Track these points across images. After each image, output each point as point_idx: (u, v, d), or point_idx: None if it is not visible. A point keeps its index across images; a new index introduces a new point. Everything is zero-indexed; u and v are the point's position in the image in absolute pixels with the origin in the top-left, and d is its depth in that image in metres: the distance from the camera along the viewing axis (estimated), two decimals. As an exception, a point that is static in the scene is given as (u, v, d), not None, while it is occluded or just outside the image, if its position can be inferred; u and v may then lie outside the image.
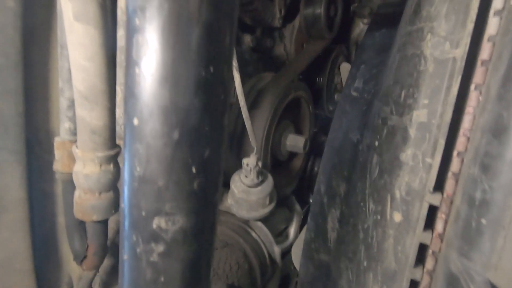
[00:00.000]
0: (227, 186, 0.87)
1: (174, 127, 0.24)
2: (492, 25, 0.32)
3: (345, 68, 1.24)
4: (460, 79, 0.37)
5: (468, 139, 0.34)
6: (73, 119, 0.53)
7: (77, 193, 0.45)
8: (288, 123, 1.08)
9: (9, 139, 0.63)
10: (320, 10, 1.15)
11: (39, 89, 0.71)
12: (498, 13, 0.32)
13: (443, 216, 0.38)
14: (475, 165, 0.29)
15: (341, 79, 1.42)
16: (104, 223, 0.50)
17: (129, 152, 0.26)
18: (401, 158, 0.45)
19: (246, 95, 0.94)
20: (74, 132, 0.54)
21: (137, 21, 0.23)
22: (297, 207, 1.17)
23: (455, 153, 0.37)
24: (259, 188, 0.78)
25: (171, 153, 0.25)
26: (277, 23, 1.07)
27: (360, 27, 1.52)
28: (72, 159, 0.52)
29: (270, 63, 1.16)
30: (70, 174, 0.53)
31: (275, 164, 1.09)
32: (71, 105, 0.52)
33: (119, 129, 0.57)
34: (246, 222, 0.90)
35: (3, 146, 0.62)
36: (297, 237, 1.10)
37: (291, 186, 1.18)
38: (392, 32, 0.75)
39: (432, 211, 0.41)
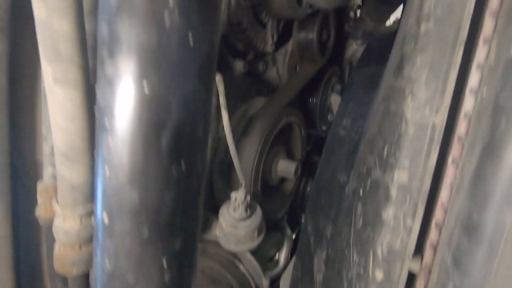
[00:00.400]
0: (216, 212, 0.87)
1: (143, 225, 0.24)
2: (468, 103, 0.33)
3: (335, 100, 1.25)
4: (439, 146, 0.38)
5: (446, 212, 0.34)
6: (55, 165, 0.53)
7: (56, 247, 0.45)
8: (279, 148, 1.09)
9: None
10: (312, 34, 1.16)
11: (26, 121, 0.70)
12: (473, 91, 0.32)
13: (422, 283, 0.38)
14: (448, 253, 0.29)
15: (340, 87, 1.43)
16: (85, 276, 0.49)
17: (100, 247, 0.26)
18: (383, 216, 0.45)
19: (237, 122, 0.94)
20: (56, 176, 0.53)
21: (106, 121, 0.23)
22: (288, 231, 1.17)
23: (433, 222, 0.37)
24: (248, 221, 0.78)
25: (140, 250, 0.24)
26: (269, 48, 1.07)
27: (354, 47, 1.53)
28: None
29: (263, 86, 1.16)
30: (53, 220, 0.52)
31: (266, 188, 1.09)
32: (53, 151, 0.52)
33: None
34: (235, 254, 0.89)
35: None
36: (287, 263, 1.09)
37: (283, 210, 1.18)
38: (380, 68, 0.75)
39: (413, 275, 0.40)
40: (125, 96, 0.23)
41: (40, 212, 0.53)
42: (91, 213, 0.45)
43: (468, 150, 0.32)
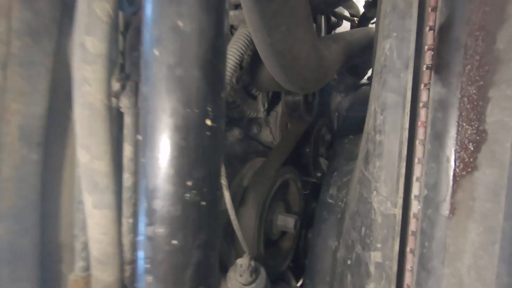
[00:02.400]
0: (222, 271, 0.93)
1: None
2: (414, 206, 0.43)
3: (324, 163, 1.37)
4: (400, 232, 0.47)
5: (410, 293, 0.43)
6: (86, 259, 0.61)
7: None
8: (277, 203, 1.17)
9: (26, 270, 0.70)
10: (299, 97, 1.30)
11: (52, 206, 0.80)
12: (416, 197, 0.43)
13: None
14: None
15: (324, 149, 1.55)
16: None
17: None
18: (366, 289, 0.53)
19: (235, 189, 1.03)
20: (86, 269, 0.62)
21: (147, 266, 0.33)
22: (293, 282, 1.21)
23: (403, 300, 0.45)
24: (253, 285, 0.84)
25: None
26: (261, 114, 1.20)
27: (338, 99, 1.69)
28: (84, 295, 0.60)
29: (259, 146, 1.28)
30: (82, 309, 0.60)
31: (268, 243, 1.16)
32: (84, 247, 0.61)
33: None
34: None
35: (20, 277, 0.70)
36: (295, 315, 1.13)
37: (286, 261, 1.24)
38: (358, 140, 0.87)
39: None
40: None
41: (71, 302, 0.61)
42: (119, 305, 0.53)
43: (424, 247, 0.41)
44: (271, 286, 0.94)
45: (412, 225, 0.42)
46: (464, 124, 0.33)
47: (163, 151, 0.32)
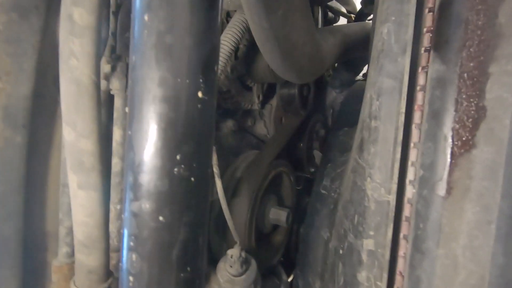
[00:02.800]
0: (213, 264, 0.92)
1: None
2: (408, 191, 0.42)
3: (317, 154, 1.36)
4: (393, 218, 0.46)
5: (403, 278, 0.42)
6: (70, 244, 0.59)
7: (72, 326, 0.50)
8: (270, 197, 1.16)
9: (8, 257, 0.68)
10: (294, 90, 1.29)
11: (38, 194, 0.77)
12: (411, 182, 0.42)
13: None
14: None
15: (318, 144, 1.54)
16: None
17: None
18: (358, 278, 0.52)
19: (227, 182, 1.02)
20: (70, 255, 0.60)
21: (131, 243, 0.31)
22: (284, 276, 1.21)
23: (395, 286, 0.45)
24: (244, 276, 0.83)
25: None
26: (256, 106, 1.19)
27: (333, 95, 1.68)
28: (67, 281, 0.58)
29: (253, 139, 1.27)
30: (66, 296, 0.58)
31: (260, 236, 1.15)
32: (69, 232, 0.59)
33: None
34: (233, 307, 0.93)
35: (2, 264, 0.67)
36: (285, 309, 1.12)
37: (277, 256, 1.23)
38: (351, 132, 0.86)
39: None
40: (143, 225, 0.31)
41: (55, 289, 0.59)
42: (104, 291, 0.51)
43: (419, 229, 0.40)
44: (261, 279, 0.93)
45: (406, 211, 0.42)
46: (463, 101, 0.33)
47: (151, 122, 0.30)
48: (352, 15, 1.74)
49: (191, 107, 0.31)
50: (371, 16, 1.68)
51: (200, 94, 0.32)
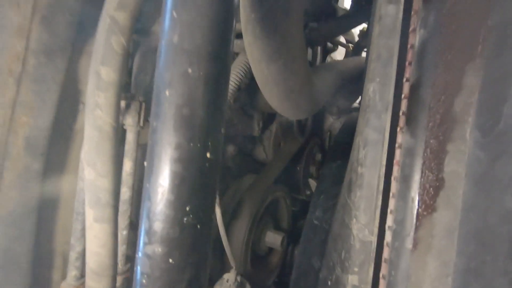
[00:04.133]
0: (209, 285, 0.96)
1: None
2: (387, 236, 0.47)
3: (312, 184, 1.42)
4: (375, 258, 0.52)
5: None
6: (79, 268, 0.64)
7: None
8: (267, 220, 1.21)
9: (19, 274, 0.72)
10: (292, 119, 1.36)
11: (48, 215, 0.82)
12: (392, 212, 0.47)
13: None
14: None
15: (315, 168, 1.60)
16: None
17: None
18: (343, 310, 0.57)
19: (227, 204, 1.07)
20: (78, 278, 0.64)
21: (144, 281, 0.37)
22: (278, 298, 1.24)
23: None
24: (239, 300, 0.87)
25: None
26: (256, 133, 1.26)
27: (330, 121, 1.76)
28: (75, 303, 0.62)
29: (252, 162, 1.33)
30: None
31: (255, 258, 1.19)
32: (79, 257, 0.64)
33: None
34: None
35: (12, 280, 0.72)
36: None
37: (272, 277, 1.27)
38: (344, 165, 0.92)
39: None
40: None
41: (62, 309, 0.63)
42: (111, 315, 0.55)
43: (391, 276, 0.45)
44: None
45: (386, 253, 0.47)
46: (426, 171, 0.38)
47: (167, 179, 0.36)
48: (351, 45, 1.84)
49: (200, 166, 0.37)
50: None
51: (208, 155, 0.38)
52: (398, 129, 0.47)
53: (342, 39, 1.82)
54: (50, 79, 0.68)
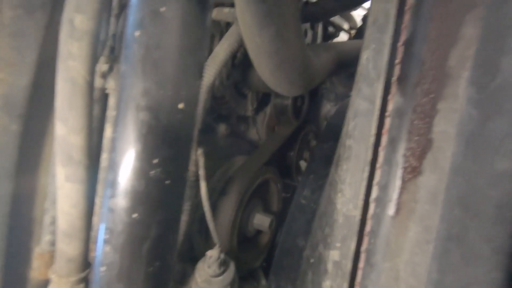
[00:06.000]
0: (195, 263, 0.94)
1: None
2: (371, 209, 0.45)
3: (303, 166, 1.40)
4: (358, 232, 0.49)
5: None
6: (54, 233, 0.62)
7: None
8: (256, 202, 1.19)
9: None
10: (288, 101, 1.33)
11: (28, 182, 0.80)
12: (377, 184, 0.45)
13: None
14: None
15: (309, 154, 1.58)
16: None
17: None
18: (323, 286, 0.55)
19: (216, 182, 1.05)
20: (53, 243, 0.62)
21: (106, 236, 0.34)
22: (263, 281, 1.23)
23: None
24: (221, 277, 0.86)
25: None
26: (250, 113, 1.22)
27: (327, 107, 1.72)
28: (48, 269, 0.60)
29: (244, 145, 1.30)
30: (45, 281, 0.60)
31: (243, 239, 1.18)
32: (53, 221, 0.61)
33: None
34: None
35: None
36: (261, 313, 1.14)
37: (259, 260, 1.25)
38: (337, 146, 0.89)
39: None
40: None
41: (34, 274, 0.61)
42: (81, 280, 0.53)
43: (370, 244, 0.43)
44: (239, 282, 0.96)
45: (368, 226, 0.45)
46: (414, 131, 0.36)
47: (134, 128, 0.34)
48: (353, 31, 1.79)
49: (172, 117, 0.35)
50: (371, 34, 1.73)
51: (181, 106, 0.35)
52: (390, 96, 0.44)
53: (344, 25, 1.78)
54: (30, 35, 0.64)
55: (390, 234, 0.36)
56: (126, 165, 0.34)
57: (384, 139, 0.45)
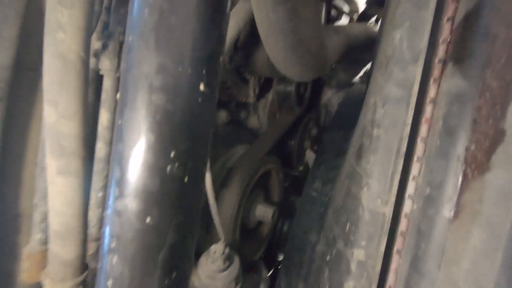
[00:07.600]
0: (195, 257, 0.90)
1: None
2: (407, 206, 0.41)
3: (310, 155, 1.35)
4: (388, 231, 0.45)
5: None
6: (45, 230, 0.55)
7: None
8: (258, 193, 1.14)
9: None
10: (291, 87, 1.27)
11: (13, 174, 0.72)
12: (414, 178, 0.40)
13: None
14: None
15: (310, 143, 1.53)
16: None
17: None
18: (345, 286, 0.51)
19: (217, 173, 0.99)
20: (44, 242, 0.56)
21: (113, 244, 0.29)
22: (264, 272, 1.20)
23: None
24: (225, 273, 0.82)
25: None
26: (251, 99, 1.16)
27: (328, 95, 1.67)
28: (39, 270, 0.54)
29: (245, 133, 1.24)
30: (37, 285, 0.54)
31: (244, 231, 1.13)
32: (44, 218, 0.55)
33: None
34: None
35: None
36: (263, 306, 1.12)
37: (260, 251, 1.22)
38: (347, 136, 0.85)
39: None
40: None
41: (24, 277, 0.55)
42: (79, 284, 0.48)
43: (408, 242, 0.39)
44: (242, 275, 0.92)
45: (403, 225, 0.40)
46: (481, 121, 0.31)
47: (146, 113, 0.27)
48: (355, 15, 1.72)
49: (191, 100, 0.28)
50: (374, 17, 1.67)
51: (202, 87, 0.29)
52: (432, 80, 0.39)
53: (345, 8, 1.71)
54: (8, 5, 0.55)
55: (447, 239, 0.32)
56: (137, 159, 0.27)
57: (425, 129, 0.40)
